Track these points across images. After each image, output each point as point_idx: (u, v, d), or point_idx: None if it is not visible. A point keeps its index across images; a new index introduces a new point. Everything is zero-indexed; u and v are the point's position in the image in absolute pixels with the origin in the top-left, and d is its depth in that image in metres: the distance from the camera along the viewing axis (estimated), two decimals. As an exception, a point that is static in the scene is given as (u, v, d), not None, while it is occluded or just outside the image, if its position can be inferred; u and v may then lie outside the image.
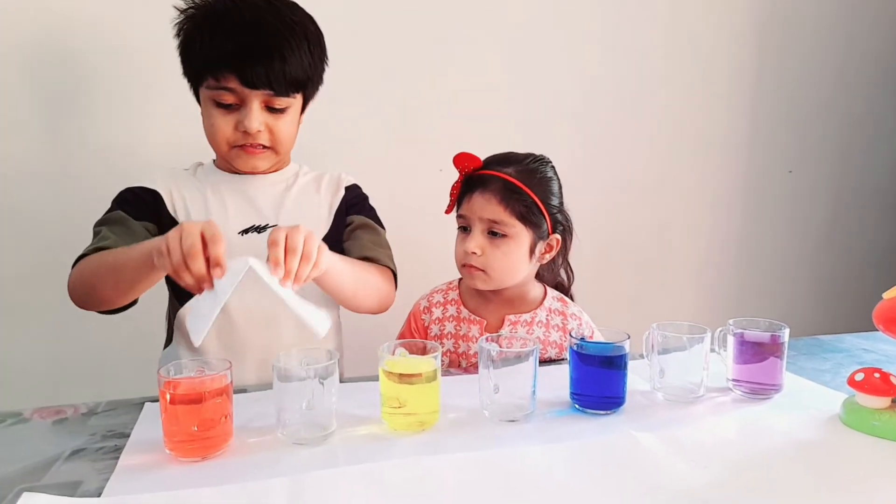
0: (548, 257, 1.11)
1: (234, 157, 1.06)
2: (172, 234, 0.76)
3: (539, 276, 1.16)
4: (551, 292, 1.16)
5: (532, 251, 1.07)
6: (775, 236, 2.19)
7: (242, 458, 0.74)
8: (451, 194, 1.09)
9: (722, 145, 2.08)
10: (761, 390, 0.91)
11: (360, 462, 0.72)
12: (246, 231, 1.07)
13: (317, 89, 1.09)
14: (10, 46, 1.45)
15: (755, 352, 0.91)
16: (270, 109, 1.02)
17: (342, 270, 0.95)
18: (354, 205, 1.17)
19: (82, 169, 1.54)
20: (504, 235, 1.04)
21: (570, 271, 1.20)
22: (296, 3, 1.04)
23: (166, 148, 1.55)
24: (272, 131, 1.04)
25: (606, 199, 1.94)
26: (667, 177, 2.04)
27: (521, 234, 1.05)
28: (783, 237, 2.20)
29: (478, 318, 1.12)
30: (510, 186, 1.03)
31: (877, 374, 0.81)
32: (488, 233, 1.05)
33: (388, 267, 1.10)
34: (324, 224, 1.13)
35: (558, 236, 1.10)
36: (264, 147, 1.05)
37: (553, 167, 1.11)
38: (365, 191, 1.22)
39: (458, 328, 1.12)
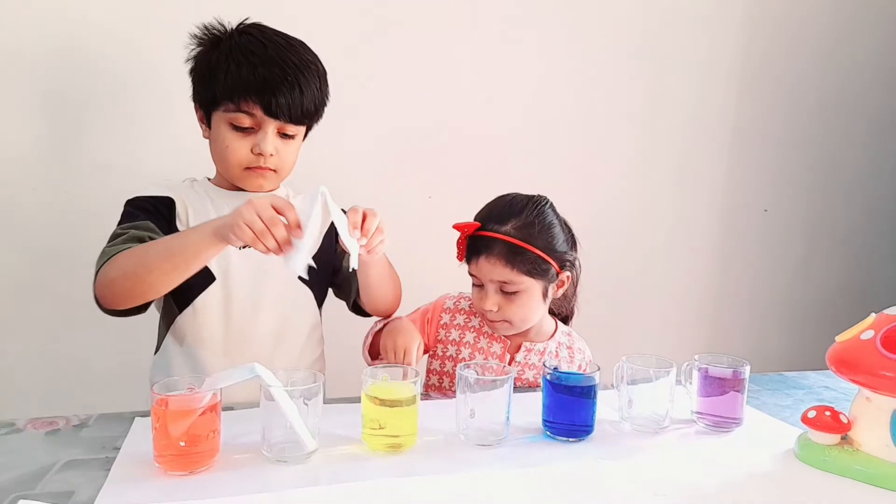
0: (560, 292, 1.17)
1: (244, 177, 1.12)
2: (246, 210, 0.86)
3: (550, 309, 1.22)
4: (561, 327, 1.24)
5: (545, 295, 1.13)
6: (750, 273, 2.26)
7: (228, 474, 0.77)
8: (457, 246, 1.13)
9: (700, 182, 2.15)
10: (723, 423, 0.97)
11: (339, 481, 0.76)
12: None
13: (319, 120, 1.17)
14: (15, 64, 1.50)
15: (718, 386, 0.96)
16: (282, 135, 1.10)
17: (384, 262, 1.12)
18: None
19: (78, 182, 1.58)
20: (516, 292, 1.09)
21: (573, 297, 1.25)
22: (305, 43, 1.12)
23: (164, 164, 1.60)
24: (280, 155, 1.11)
25: (585, 234, 1.99)
26: (646, 213, 2.11)
27: (532, 286, 1.10)
28: (758, 274, 2.27)
29: (502, 337, 1.17)
30: (512, 248, 1.07)
31: (827, 413, 0.86)
32: (501, 290, 1.10)
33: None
34: (314, 243, 1.18)
35: (568, 273, 1.15)
36: (272, 170, 1.12)
37: (552, 206, 1.14)
38: None
39: (476, 340, 1.18)
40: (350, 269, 0.95)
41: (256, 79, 1.04)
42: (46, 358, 1.62)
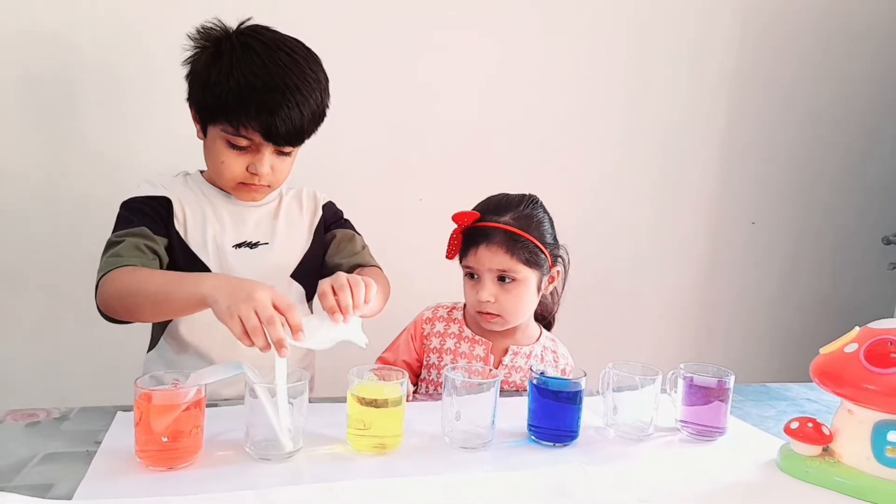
0: (551, 287, 1.18)
1: (237, 190, 1.11)
2: (244, 304, 0.78)
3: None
4: (545, 332, 1.24)
5: (539, 288, 1.14)
6: (736, 284, 2.28)
7: (209, 470, 0.77)
8: (450, 242, 1.13)
9: (689, 194, 2.17)
10: (707, 432, 0.97)
11: (322, 481, 0.76)
12: (239, 245, 1.13)
13: (318, 129, 1.13)
14: (7, 52, 1.49)
15: (702, 395, 0.97)
16: (278, 153, 1.08)
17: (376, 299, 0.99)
18: (334, 222, 1.25)
19: (69, 175, 1.57)
20: (513, 280, 1.10)
21: (558, 298, 1.26)
22: (310, 49, 1.07)
23: (157, 155, 1.59)
24: (275, 171, 1.09)
25: (574, 243, 2.01)
26: (634, 223, 2.12)
27: (529, 277, 1.11)
28: (744, 285, 2.29)
29: (484, 340, 1.17)
30: (512, 236, 1.08)
31: (810, 424, 0.87)
32: (498, 279, 1.10)
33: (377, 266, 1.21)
34: (304, 242, 1.20)
35: (559, 268, 1.17)
36: (265, 185, 1.11)
37: (542, 205, 1.17)
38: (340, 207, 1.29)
39: (457, 345, 1.17)
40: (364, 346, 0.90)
41: (257, 105, 0.99)
42: (29, 350, 1.61)
